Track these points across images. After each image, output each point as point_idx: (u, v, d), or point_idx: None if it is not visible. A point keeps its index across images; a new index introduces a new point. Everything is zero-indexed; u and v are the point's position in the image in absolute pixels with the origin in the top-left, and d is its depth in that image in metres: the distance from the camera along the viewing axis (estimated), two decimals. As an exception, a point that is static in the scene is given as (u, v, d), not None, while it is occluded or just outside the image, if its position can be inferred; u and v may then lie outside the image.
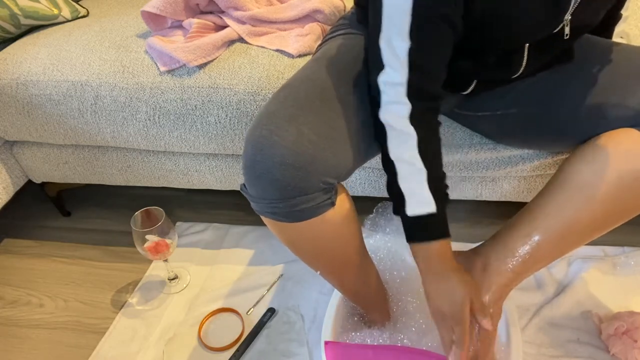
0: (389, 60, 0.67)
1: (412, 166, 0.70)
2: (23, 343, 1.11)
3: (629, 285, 1.09)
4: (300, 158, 0.65)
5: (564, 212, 0.74)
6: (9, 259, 1.34)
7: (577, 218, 0.73)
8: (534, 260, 0.76)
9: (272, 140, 0.65)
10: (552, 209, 0.75)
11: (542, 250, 0.75)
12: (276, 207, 0.68)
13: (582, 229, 0.74)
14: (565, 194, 0.74)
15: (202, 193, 1.46)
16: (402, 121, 0.69)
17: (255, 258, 1.25)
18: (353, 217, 0.77)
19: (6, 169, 1.26)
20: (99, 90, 1.08)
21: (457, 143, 1.01)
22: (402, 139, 0.70)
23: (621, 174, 0.70)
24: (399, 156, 0.71)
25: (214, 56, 1.07)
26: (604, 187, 0.71)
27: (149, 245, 1.07)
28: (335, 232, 0.74)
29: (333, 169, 0.69)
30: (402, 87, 0.68)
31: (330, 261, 0.80)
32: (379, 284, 0.92)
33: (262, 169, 0.66)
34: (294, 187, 0.66)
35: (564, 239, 0.75)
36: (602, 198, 0.71)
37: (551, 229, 0.74)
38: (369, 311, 0.94)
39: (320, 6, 1.11)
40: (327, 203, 0.70)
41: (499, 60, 0.76)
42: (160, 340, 1.08)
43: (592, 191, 0.72)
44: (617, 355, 0.95)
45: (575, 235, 0.75)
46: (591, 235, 0.77)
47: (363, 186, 1.19)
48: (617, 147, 0.71)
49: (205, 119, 1.07)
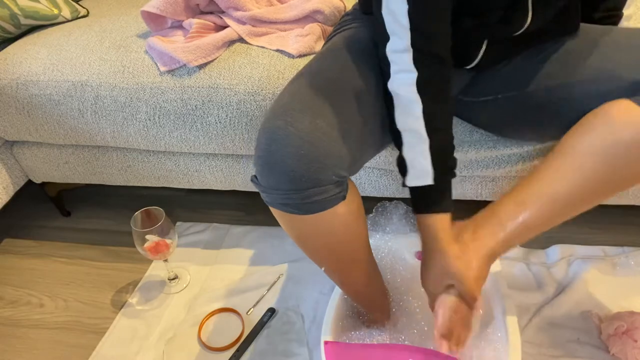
0: (393, 28, 0.70)
1: (416, 135, 0.71)
2: (23, 343, 1.11)
3: (629, 285, 1.09)
4: (315, 149, 0.66)
5: (554, 180, 0.73)
6: (9, 259, 1.34)
7: (567, 187, 0.72)
8: (523, 227, 0.75)
9: (287, 131, 0.66)
10: (543, 177, 0.74)
11: (532, 218, 0.74)
12: (289, 199, 0.68)
13: (571, 198, 0.73)
14: (557, 162, 0.74)
15: (202, 193, 1.46)
16: (409, 89, 0.71)
17: (255, 258, 1.25)
18: (362, 213, 0.78)
19: (6, 169, 1.26)
20: (99, 90, 1.08)
21: (457, 141, 1.01)
22: (409, 108, 0.72)
23: (612, 142, 0.69)
24: (404, 126, 0.73)
25: (214, 56, 1.07)
26: (595, 155, 0.70)
27: (149, 245, 1.07)
28: (344, 227, 0.74)
29: (346, 160, 0.69)
30: (407, 53, 0.70)
31: (337, 257, 0.80)
32: (381, 283, 0.93)
33: (277, 159, 0.66)
34: (308, 179, 0.66)
35: (554, 207, 0.74)
36: (593, 166, 0.70)
37: (542, 196, 0.73)
38: (369, 310, 0.94)
39: (321, 6, 1.11)
40: (339, 196, 0.70)
41: (503, 17, 0.77)
42: (160, 340, 1.08)
43: (582, 160, 0.71)
44: (617, 355, 0.95)
45: (565, 204, 0.74)
46: (582, 205, 0.75)
47: (363, 186, 1.19)
48: (608, 117, 0.70)
49: (206, 119, 1.07)
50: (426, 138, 0.71)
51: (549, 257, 1.18)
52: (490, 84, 0.89)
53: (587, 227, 1.27)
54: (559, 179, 0.72)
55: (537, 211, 0.73)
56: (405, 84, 0.71)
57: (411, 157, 0.73)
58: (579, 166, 0.71)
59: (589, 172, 0.71)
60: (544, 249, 1.21)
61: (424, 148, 0.72)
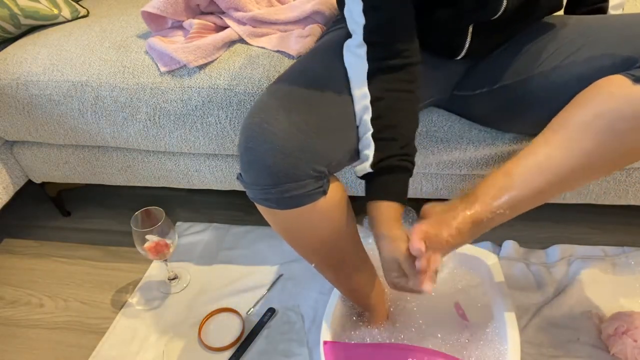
0: (353, 27, 0.75)
1: (365, 125, 0.74)
2: (23, 343, 1.11)
3: (629, 285, 1.10)
4: (289, 144, 0.68)
5: (543, 152, 0.72)
6: (9, 259, 1.34)
7: (554, 160, 0.71)
8: (514, 200, 0.72)
9: (263, 127, 0.69)
10: (533, 150, 0.73)
11: (522, 190, 0.72)
12: (268, 193, 0.70)
13: (560, 171, 0.71)
14: (548, 135, 0.73)
15: (202, 193, 1.46)
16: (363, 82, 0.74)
17: (255, 258, 1.25)
18: (346, 207, 0.78)
19: (6, 169, 1.26)
20: (99, 90, 1.08)
21: (455, 138, 1.01)
22: (363, 100, 0.75)
23: (602, 114, 0.68)
24: (360, 118, 0.75)
25: (215, 57, 1.07)
26: (588, 131, 0.69)
27: (149, 245, 1.07)
28: (327, 222, 0.75)
29: (322, 156, 0.71)
30: (362, 47, 0.74)
31: (324, 253, 0.80)
32: (377, 282, 0.92)
33: (255, 155, 0.69)
34: (285, 174, 0.68)
35: (541, 180, 0.72)
36: (584, 140, 0.69)
37: (530, 168, 0.72)
38: (365, 309, 0.94)
39: (321, 8, 1.11)
40: (319, 191, 0.71)
41: (478, 1, 0.77)
42: (160, 340, 1.08)
43: (574, 134, 0.70)
44: (617, 355, 0.95)
45: (552, 178, 0.72)
46: (572, 181, 0.73)
47: (363, 186, 1.18)
48: (600, 91, 0.70)
49: (206, 120, 1.07)
50: (370, 128, 0.73)
51: (549, 257, 1.18)
52: (483, 75, 0.90)
53: (587, 227, 1.27)
54: (548, 151, 0.71)
55: (522, 182, 0.72)
56: (357, 72, 0.75)
57: (361, 146, 0.76)
58: (570, 139, 0.70)
59: (580, 146, 0.69)
60: (544, 249, 1.21)
61: (369, 137, 0.74)
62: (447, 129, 1.01)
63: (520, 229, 1.25)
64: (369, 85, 0.74)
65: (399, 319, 0.94)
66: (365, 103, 0.74)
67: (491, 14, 0.78)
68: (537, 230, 1.26)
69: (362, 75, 0.75)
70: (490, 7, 0.77)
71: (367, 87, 0.74)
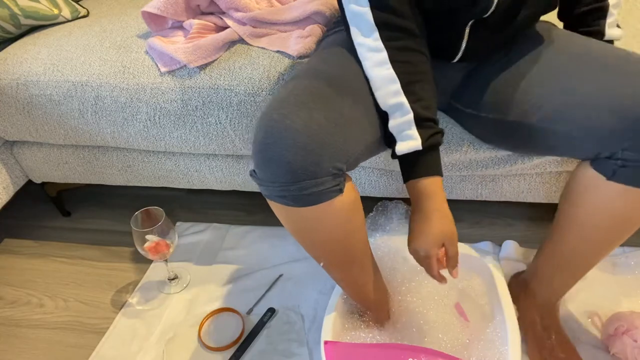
0: (356, 21, 0.76)
1: (400, 109, 0.75)
2: (23, 343, 1.11)
3: (629, 285, 1.10)
4: (312, 141, 0.67)
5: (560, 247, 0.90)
6: (9, 259, 1.34)
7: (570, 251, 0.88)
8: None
9: (284, 124, 0.67)
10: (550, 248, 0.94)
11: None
12: (286, 191, 0.69)
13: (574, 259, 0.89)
14: (559, 233, 0.89)
15: (202, 193, 1.46)
16: (380, 68, 0.76)
17: (255, 258, 1.25)
18: (359, 207, 0.78)
19: (6, 169, 1.26)
20: (99, 90, 1.08)
21: (455, 140, 1.01)
22: (385, 86, 0.76)
23: (593, 213, 0.80)
24: (385, 104, 0.76)
25: (215, 57, 1.07)
26: (592, 226, 0.81)
27: (149, 245, 1.07)
28: (341, 220, 0.75)
29: (343, 153, 0.70)
30: (374, 32, 0.75)
31: (335, 252, 0.80)
32: (381, 282, 0.93)
33: (274, 151, 0.67)
34: (305, 171, 0.67)
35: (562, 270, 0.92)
36: (592, 233, 0.82)
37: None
38: (368, 309, 0.94)
39: (321, 8, 1.11)
40: (336, 189, 0.71)
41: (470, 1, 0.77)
42: (160, 340, 1.08)
43: (582, 230, 0.83)
44: (617, 355, 0.95)
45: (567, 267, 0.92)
46: (585, 265, 0.89)
47: (363, 186, 1.19)
48: (581, 189, 0.80)
49: (206, 120, 1.07)
50: (409, 110, 0.74)
51: (549, 258, 1.18)
52: (474, 98, 0.89)
53: (587, 228, 1.27)
54: (562, 246, 0.88)
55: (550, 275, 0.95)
56: (376, 65, 0.75)
57: (398, 129, 0.76)
58: (580, 234, 0.83)
59: (589, 236, 0.83)
60: (543, 249, 1.21)
61: (409, 118, 0.74)
62: (447, 131, 1.01)
63: (520, 229, 1.25)
64: (394, 68, 0.74)
65: (400, 319, 0.94)
66: (392, 88, 0.75)
67: (484, 9, 0.78)
68: (537, 230, 1.26)
69: (385, 60, 0.75)
70: (482, 4, 0.77)
71: (392, 69, 0.74)
